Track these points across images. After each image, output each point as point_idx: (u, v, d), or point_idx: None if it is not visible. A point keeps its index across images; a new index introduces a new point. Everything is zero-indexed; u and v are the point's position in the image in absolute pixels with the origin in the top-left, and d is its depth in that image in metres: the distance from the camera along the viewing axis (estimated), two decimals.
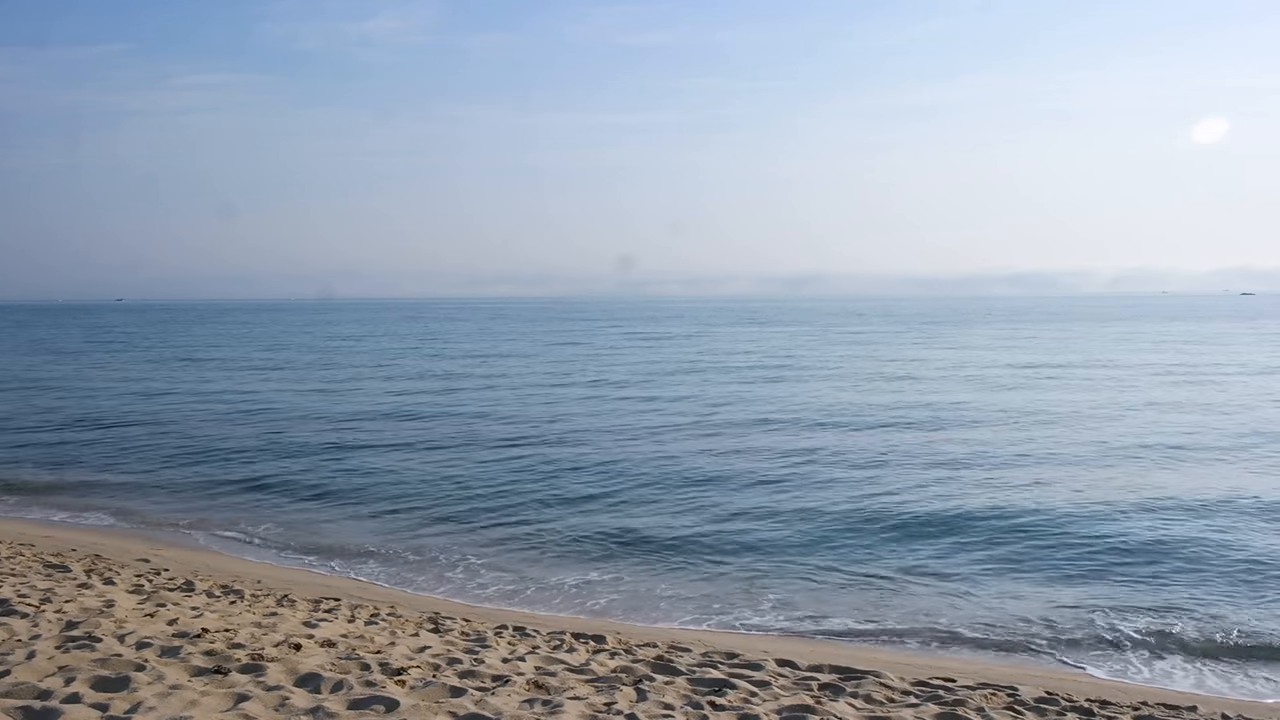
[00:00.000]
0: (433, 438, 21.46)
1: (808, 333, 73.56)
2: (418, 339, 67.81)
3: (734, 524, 13.52)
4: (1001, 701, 6.75)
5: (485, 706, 5.77)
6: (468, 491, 15.86)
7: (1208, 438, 20.28)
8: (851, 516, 13.86)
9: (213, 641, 6.84)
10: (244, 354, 52.12)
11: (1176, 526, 13.01)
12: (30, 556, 10.50)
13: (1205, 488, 15.36)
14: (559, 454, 19.24)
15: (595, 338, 67.93)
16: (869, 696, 6.64)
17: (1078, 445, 19.57)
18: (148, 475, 17.67)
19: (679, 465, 17.90)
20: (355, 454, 19.43)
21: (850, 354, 48.61)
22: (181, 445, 20.68)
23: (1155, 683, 8.26)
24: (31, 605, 7.70)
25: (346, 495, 15.71)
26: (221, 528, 13.86)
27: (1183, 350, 48.29)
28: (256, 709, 5.46)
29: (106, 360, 47.61)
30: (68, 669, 5.99)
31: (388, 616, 8.66)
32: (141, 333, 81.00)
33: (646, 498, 15.24)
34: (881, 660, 8.06)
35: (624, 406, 26.55)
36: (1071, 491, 15.23)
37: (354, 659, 6.63)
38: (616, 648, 7.84)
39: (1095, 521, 13.36)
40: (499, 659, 7.07)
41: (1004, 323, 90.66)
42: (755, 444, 20.13)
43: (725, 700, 6.33)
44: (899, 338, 64.70)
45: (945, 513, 13.97)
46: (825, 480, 16.39)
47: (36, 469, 18.42)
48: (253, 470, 17.90)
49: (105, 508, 15.19)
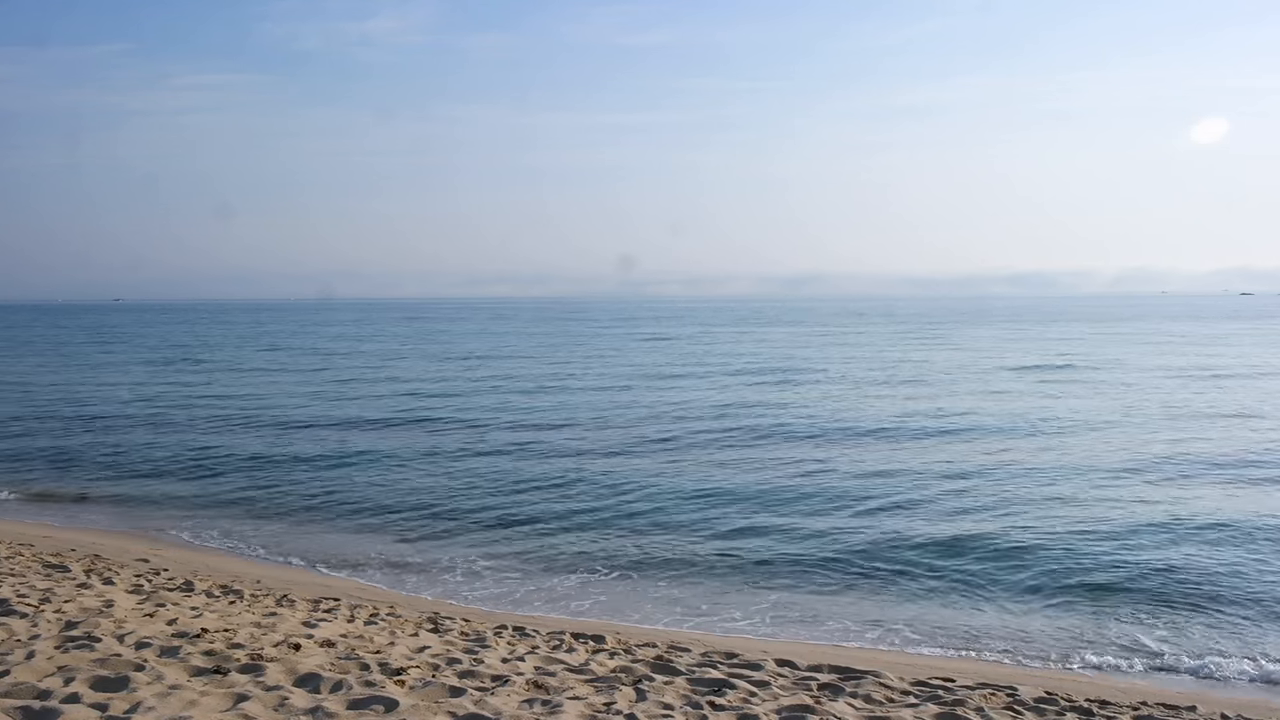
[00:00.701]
0: (435, 438, 21.47)
1: (819, 333, 73.11)
2: (420, 339, 67.75)
3: (733, 524, 13.52)
4: (1001, 701, 6.75)
5: (485, 706, 5.77)
6: (469, 492, 15.86)
7: (1236, 450, 19.32)
8: (853, 517, 13.85)
9: (212, 641, 6.84)
10: (244, 355, 52.09)
11: (1181, 532, 12.97)
12: (29, 556, 10.50)
13: (1218, 494, 15.23)
14: (561, 455, 19.26)
15: (598, 339, 67.89)
16: (868, 696, 6.64)
17: (1086, 451, 19.45)
18: (147, 475, 17.66)
19: (681, 467, 17.92)
20: (355, 455, 19.42)
21: (856, 355, 48.57)
22: (181, 445, 20.66)
23: (1155, 683, 8.26)
24: (31, 605, 7.70)
25: (347, 496, 15.71)
26: (221, 528, 13.85)
27: (1210, 353, 47.20)
28: (256, 709, 5.46)
29: (106, 360, 47.58)
30: (67, 669, 5.99)
31: (387, 616, 8.66)
32: (141, 333, 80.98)
33: (647, 499, 15.23)
34: (881, 660, 8.06)
35: (629, 408, 26.51)
36: (1076, 495, 15.21)
37: (353, 659, 6.63)
38: (616, 648, 7.84)
39: (1097, 523, 13.37)
40: (498, 659, 7.07)
41: (1019, 323, 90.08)
42: (758, 445, 20.14)
43: (725, 700, 6.33)
44: (904, 338, 64.68)
45: (946, 513, 13.98)
46: (827, 481, 16.38)
47: (37, 469, 18.42)
48: (253, 470, 17.90)
49: (104, 508, 15.21)
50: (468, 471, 17.62)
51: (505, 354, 50.50)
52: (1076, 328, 77.95)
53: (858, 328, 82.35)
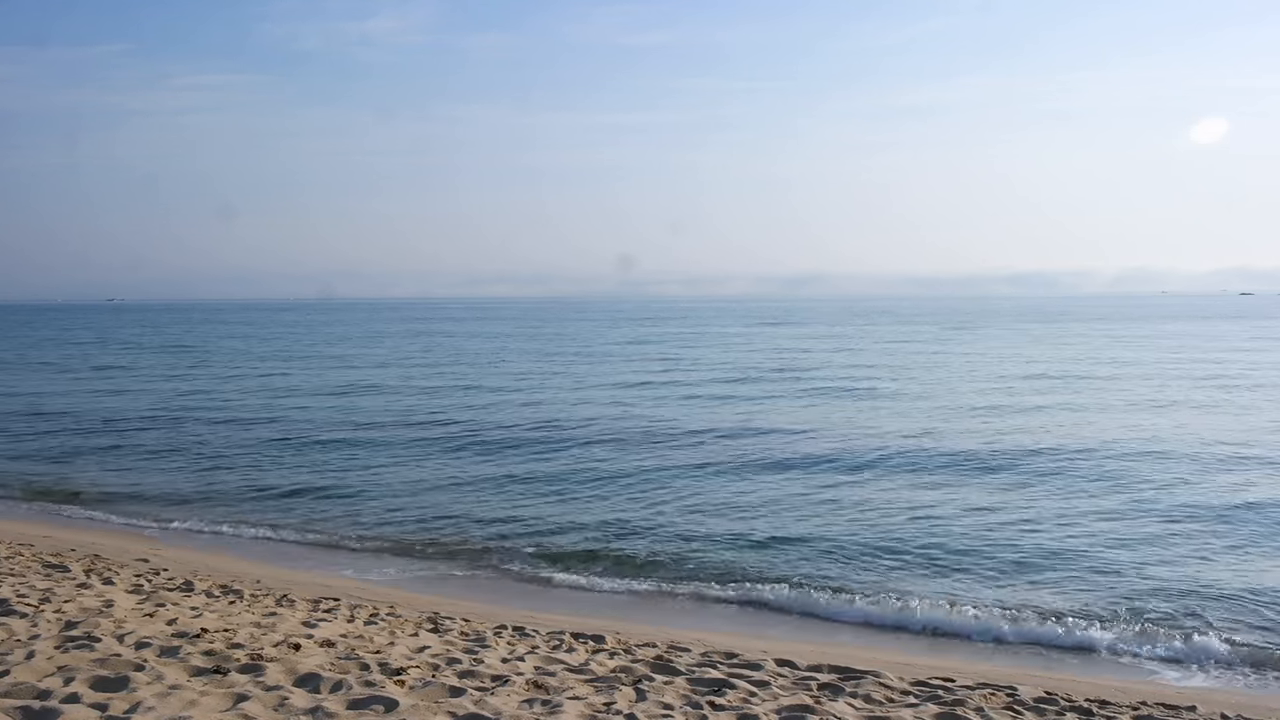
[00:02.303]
0: (437, 439, 21.45)
1: (844, 333, 71.37)
2: (437, 337, 67.14)
3: (733, 524, 13.52)
4: (1001, 701, 6.74)
5: (484, 706, 5.76)
6: (470, 492, 15.87)
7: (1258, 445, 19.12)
8: (854, 518, 13.86)
9: (212, 641, 6.83)
10: (244, 355, 52.06)
11: (1184, 532, 13.00)
12: (29, 556, 10.50)
13: (1229, 493, 15.10)
14: (559, 457, 19.27)
15: (595, 341, 67.79)
16: (868, 696, 6.64)
17: (1091, 446, 19.41)
18: (148, 475, 17.67)
19: (684, 469, 17.92)
20: (356, 455, 19.42)
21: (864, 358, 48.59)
22: (182, 445, 20.68)
23: (1155, 683, 8.26)
24: (31, 605, 7.69)
25: (347, 496, 15.71)
26: (221, 528, 13.87)
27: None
28: (256, 709, 5.45)
29: (106, 360, 47.57)
30: (67, 669, 5.99)
31: (387, 616, 8.65)
32: (140, 333, 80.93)
33: (650, 500, 15.25)
34: (881, 660, 8.05)
35: (637, 409, 26.43)
36: (1079, 494, 15.21)
37: (353, 659, 6.62)
38: (616, 647, 7.84)
39: (1099, 524, 13.37)
40: (498, 659, 7.06)
41: (1034, 322, 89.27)
42: (760, 447, 20.13)
43: (725, 700, 6.32)
44: (917, 335, 64.63)
45: (948, 513, 13.97)
46: (828, 482, 16.40)
47: (37, 469, 18.42)
48: (253, 471, 17.90)
49: (104, 508, 15.20)
50: (471, 473, 17.62)
51: (511, 353, 50.49)
52: (1141, 326, 76.13)
53: (861, 329, 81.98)
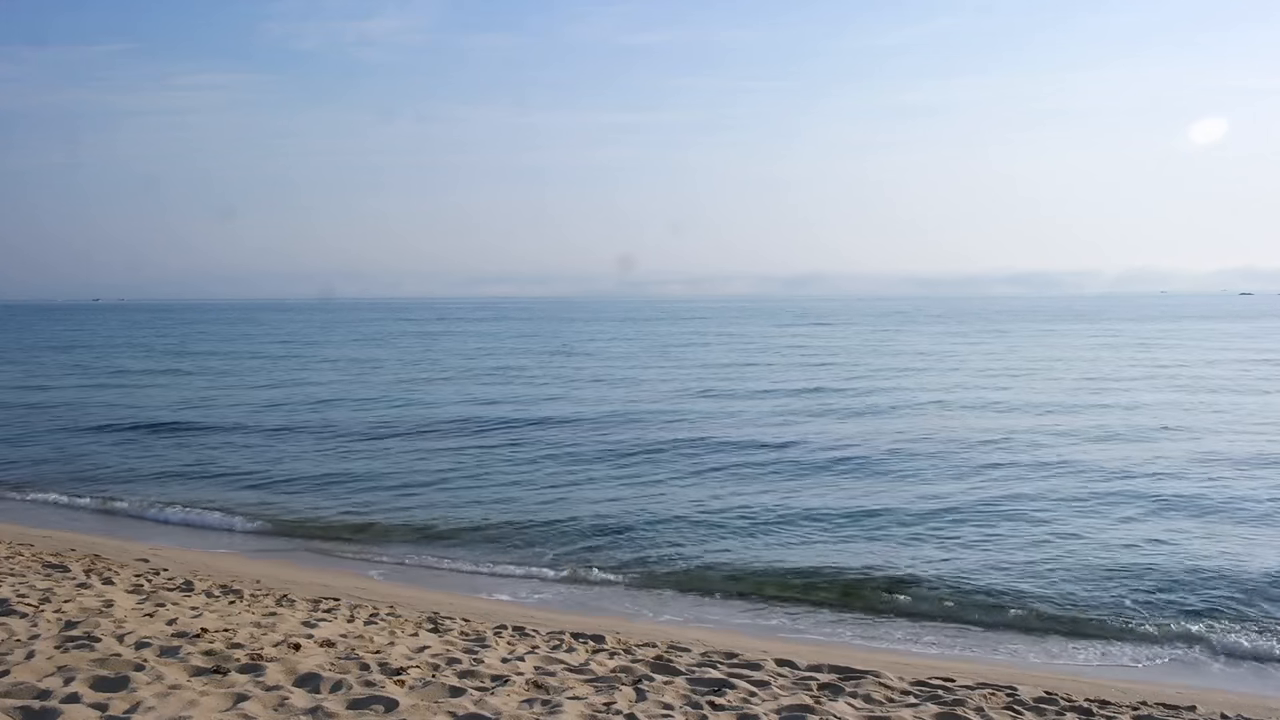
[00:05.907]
0: (438, 439, 21.46)
1: (866, 331, 70.47)
2: (454, 338, 67.00)
3: (733, 525, 13.52)
4: (1001, 701, 6.74)
5: (484, 706, 5.76)
6: (471, 493, 15.86)
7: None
8: (855, 519, 13.86)
9: (212, 641, 6.83)
10: (245, 355, 52.08)
11: (1186, 530, 12.99)
12: (29, 556, 10.50)
13: (1238, 495, 15.01)
14: (562, 456, 19.27)
15: (594, 340, 67.81)
16: (868, 696, 6.63)
17: (1091, 443, 19.49)
18: (147, 475, 17.67)
19: (688, 470, 17.92)
20: (357, 456, 19.44)
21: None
22: (182, 446, 20.68)
23: (1155, 682, 8.25)
24: (30, 605, 7.69)
25: (347, 496, 15.71)
26: (221, 528, 13.87)
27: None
28: (256, 709, 5.45)
29: (104, 360, 47.58)
30: (67, 669, 5.99)
31: (387, 616, 8.65)
32: (135, 333, 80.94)
33: (652, 501, 15.24)
34: (881, 660, 8.05)
35: (638, 410, 26.44)
36: (1083, 494, 15.19)
37: (353, 659, 6.62)
38: (616, 647, 7.83)
39: (1100, 524, 13.36)
40: (498, 659, 7.06)
41: (1063, 321, 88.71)
42: (762, 447, 20.13)
43: (724, 700, 6.32)
44: (931, 332, 64.61)
45: (949, 514, 13.97)
46: (830, 482, 16.40)
47: (37, 469, 18.42)
48: (253, 471, 17.90)
49: (104, 507, 15.21)
50: (473, 473, 17.62)
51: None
52: (1161, 325, 75.60)
53: (865, 329, 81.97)
